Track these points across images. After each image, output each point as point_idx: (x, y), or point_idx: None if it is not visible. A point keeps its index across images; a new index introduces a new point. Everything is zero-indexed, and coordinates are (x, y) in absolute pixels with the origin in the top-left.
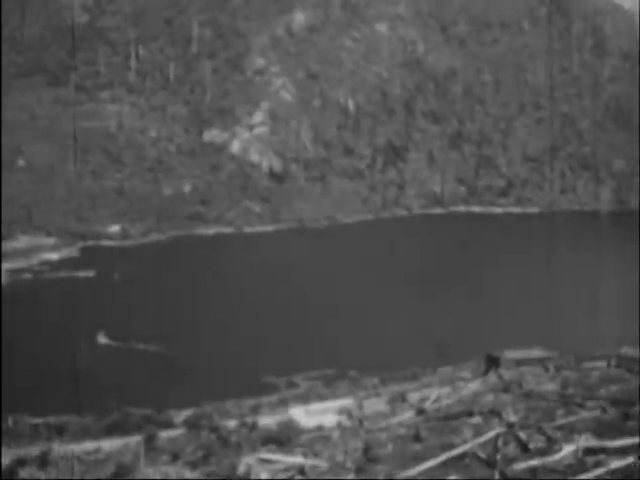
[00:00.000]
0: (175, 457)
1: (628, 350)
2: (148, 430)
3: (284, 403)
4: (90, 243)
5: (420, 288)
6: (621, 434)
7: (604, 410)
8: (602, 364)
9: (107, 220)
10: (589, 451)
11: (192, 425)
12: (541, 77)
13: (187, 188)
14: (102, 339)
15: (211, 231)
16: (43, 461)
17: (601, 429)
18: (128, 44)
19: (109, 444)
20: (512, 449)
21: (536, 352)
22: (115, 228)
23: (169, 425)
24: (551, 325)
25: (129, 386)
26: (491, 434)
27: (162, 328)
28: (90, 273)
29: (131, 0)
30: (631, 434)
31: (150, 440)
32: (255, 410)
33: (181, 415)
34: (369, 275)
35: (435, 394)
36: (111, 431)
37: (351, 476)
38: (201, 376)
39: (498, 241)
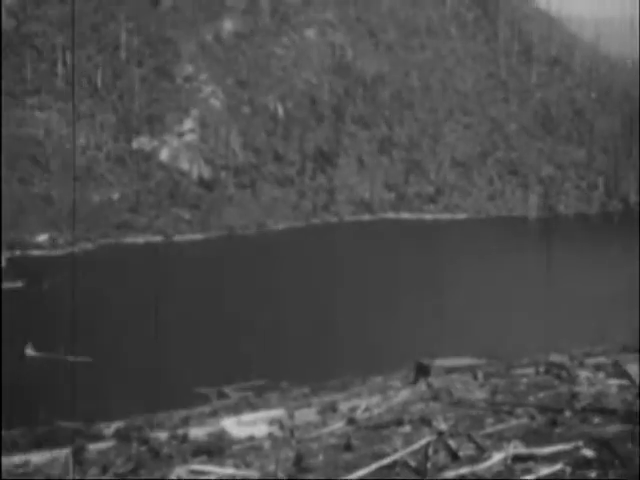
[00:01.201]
0: (104, 469)
1: (556, 356)
2: (77, 443)
3: (215, 414)
4: (17, 253)
5: (351, 296)
6: (549, 441)
7: (533, 417)
8: (531, 371)
9: (35, 229)
10: (518, 458)
11: (122, 437)
12: (469, 82)
13: (116, 196)
14: (30, 351)
15: (140, 239)
16: None
17: (530, 436)
18: (55, 50)
19: (38, 457)
20: (442, 457)
21: (465, 360)
22: (43, 237)
23: (98, 437)
24: (481, 332)
25: (58, 399)
26: (421, 442)
27: (92, 339)
28: (18, 284)
29: (58, 6)
30: (559, 441)
31: (79, 452)
32: (186, 421)
33: (111, 427)
34: (299, 282)
35: (365, 403)
36: (40, 444)
37: None
38: (132, 388)
39: (428, 248)
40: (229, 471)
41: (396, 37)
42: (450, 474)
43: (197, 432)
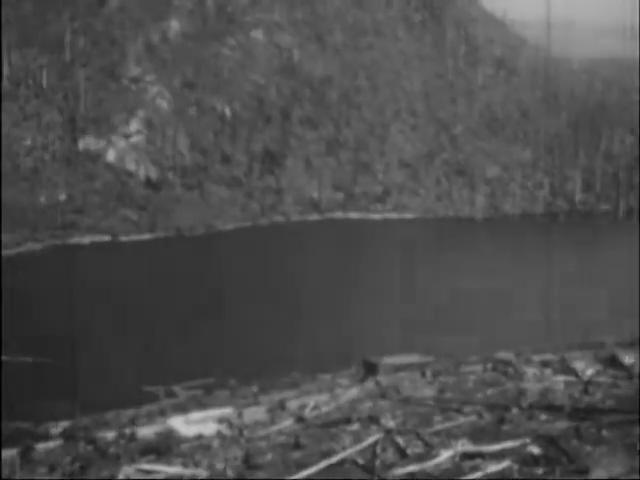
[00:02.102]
0: (52, 469)
1: (503, 354)
2: (24, 443)
3: (163, 413)
4: None
5: (300, 294)
6: (497, 438)
7: (480, 415)
8: (478, 368)
9: None
10: (466, 456)
11: (69, 437)
12: (416, 83)
13: (62, 197)
14: None
15: (86, 240)
16: None
17: (477, 434)
18: None
19: None
20: (390, 455)
21: (414, 358)
22: None
23: (46, 437)
24: (429, 330)
25: (5, 399)
26: (369, 440)
27: (40, 339)
28: None
29: (2, 5)
30: (507, 438)
31: (26, 453)
32: (134, 420)
33: (58, 427)
34: (246, 282)
35: (314, 402)
36: None
37: None
38: (80, 387)
39: (376, 247)
40: (177, 470)
41: (343, 38)
42: (399, 472)
43: (145, 431)
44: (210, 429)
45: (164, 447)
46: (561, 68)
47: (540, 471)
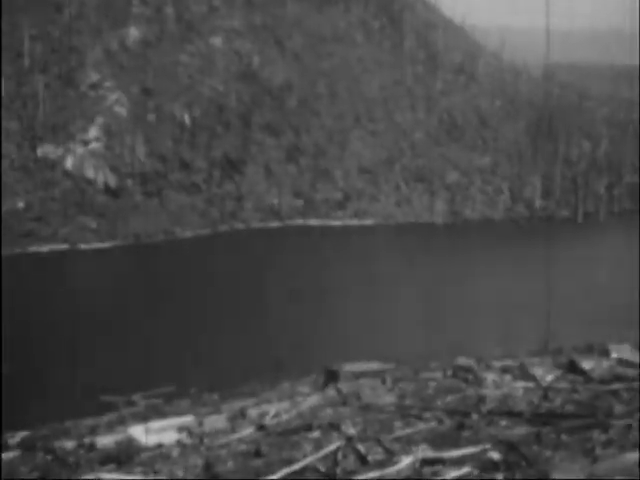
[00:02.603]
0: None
1: (463, 360)
2: None
3: (123, 422)
4: None
5: (258, 303)
6: (457, 444)
7: (441, 421)
8: (438, 375)
9: None
10: (426, 462)
11: (27, 447)
12: (375, 89)
13: (20, 205)
14: None
15: (45, 248)
16: None
17: (438, 440)
18: None
19: None
20: (351, 462)
21: (374, 365)
22: None
23: (4, 447)
24: (388, 337)
25: None
26: (330, 448)
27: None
28: None
29: None
30: (467, 444)
31: None
32: (94, 430)
33: (16, 437)
34: (205, 290)
35: (274, 409)
36: None
37: None
38: (38, 397)
39: (335, 254)
40: (137, 478)
41: (302, 44)
42: (359, 478)
43: (105, 440)
44: (170, 438)
45: (124, 456)
46: (520, 75)
47: (500, 476)
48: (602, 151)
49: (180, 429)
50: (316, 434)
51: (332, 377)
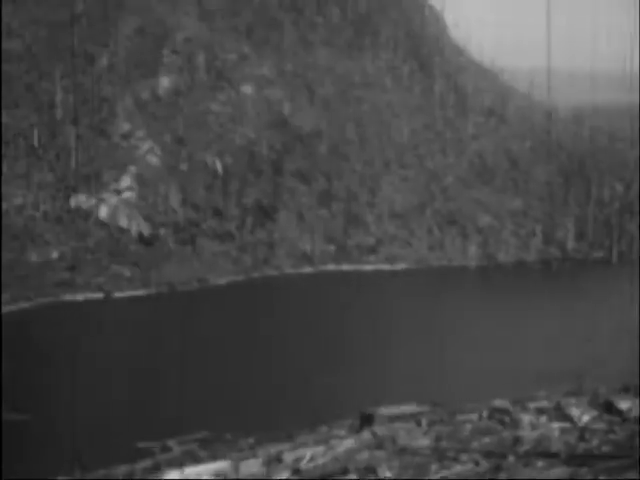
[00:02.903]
0: None
1: (499, 401)
2: None
3: (159, 468)
4: None
5: (294, 347)
6: None
7: (477, 463)
8: (474, 417)
9: None
10: None
11: None
12: (405, 134)
13: (54, 255)
14: None
15: (80, 297)
16: None
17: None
18: None
19: None
20: None
21: (409, 407)
22: None
23: None
24: (425, 379)
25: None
26: None
27: (29, 396)
28: None
29: None
30: None
31: None
32: (130, 476)
33: None
34: (241, 335)
35: (310, 453)
36: None
37: None
38: (72, 444)
39: (368, 299)
40: None
41: (332, 91)
42: None
43: None
44: None
45: None
46: (550, 116)
47: None
48: (634, 192)
49: (216, 474)
50: (352, 477)
51: (367, 420)
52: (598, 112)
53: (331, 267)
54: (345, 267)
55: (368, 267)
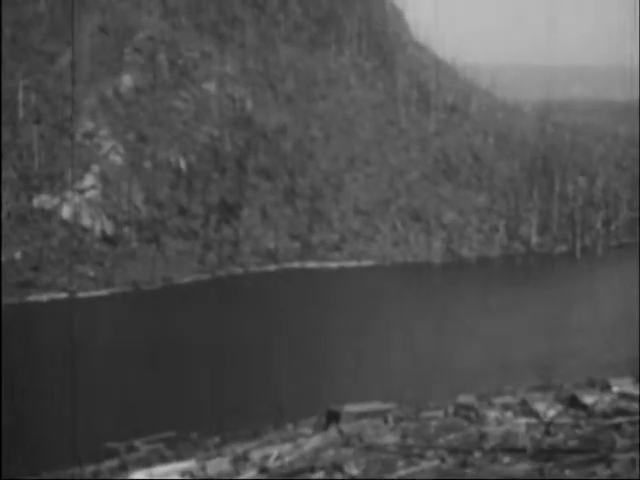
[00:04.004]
0: None
1: (464, 398)
2: None
3: (125, 468)
4: None
5: (259, 345)
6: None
7: (443, 459)
8: (440, 413)
9: None
10: None
11: None
12: (369, 131)
13: (18, 255)
14: None
15: (44, 297)
16: None
17: (441, 478)
18: None
19: None
20: None
21: (375, 405)
22: None
23: None
24: (390, 377)
25: None
26: None
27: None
28: None
29: None
30: None
31: None
32: (96, 476)
33: None
34: (205, 334)
35: (277, 451)
36: None
37: None
38: (39, 444)
39: (333, 296)
40: None
41: (296, 88)
42: None
43: None
44: None
45: None
46: (512, 112)
47: None
48: (598, 187)
49: (183, 474)
50: (319, 475)
51: (334, 418)
52: (566, 107)
53: (296, 264)
54: (310, 264)
55: (333, 264)
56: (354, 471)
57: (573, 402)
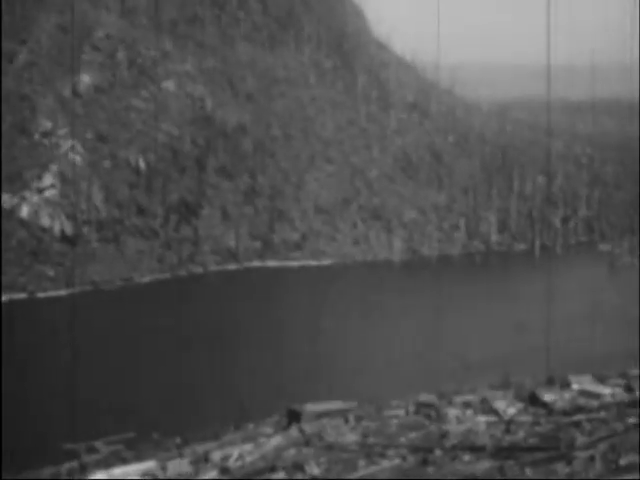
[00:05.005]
0: None
1: (425, 396)
2: None
3: (84, 469)
4: None
5: (218, 345)
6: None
7: (404, 458)
8: (401, 412)
9: None
10: None
11: None
12: (330, 130)
13: None
14: None
15: (3, 297)
16: None
17: (401, 477)
18: None
19: None
20: None
21: (336, 404)
22: None
23: None
24: (351, 376)
25: None
26: None
27: None
28: None
29: None
30: None
31: None
32: (55, 477)
33: None
34: (163, 334)
35: (238, 452)
36: None
37: None
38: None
39: (293, 295)
40: None
41: (255, 86)
42: None
43: None
44: None
45: None
46: (471, 110)
47: None
48: (557, 185)
49: (143, 474)
50: (280, 475)
51: (295, 417)
52: (525, 106)
53: (257, 263)
54: (271, 263)
55: (294, 263)
56: (315, 470)
57: (533, 400)
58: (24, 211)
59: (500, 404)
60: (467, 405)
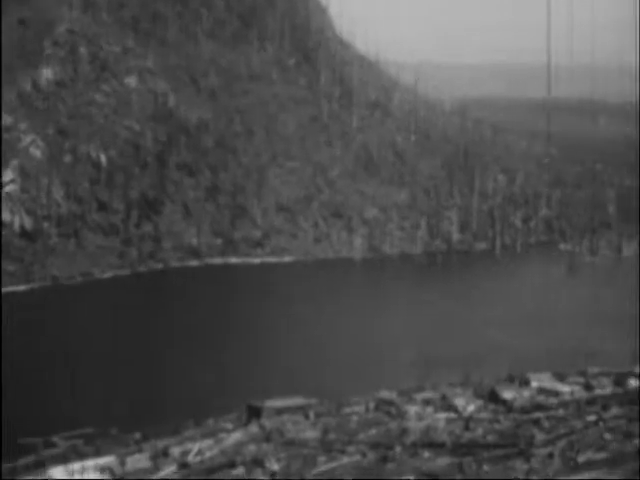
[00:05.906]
0: None
1: (385, 393)
2: None
3: (42, 464)
4: None
5: (179, 341)
6: (380, 477)
7: (364, 454)
8: (361, 409)
9: None
10: None
11: None
12: (292, 127)
13: None
14: None
15: None
16: None
17: (361, 473)
18: None
19: None
20: None
21: (297, 400)
22: None
23: None
24: (311, 372)
25: None
26: None
27: None
28: None
29: None
30: (390, 476)
31: None
32: (12, 473)
33: None
34: (124, 330)
35: (197, 447)
36: None
37: None
38: None
39: (253, 292)
40: None
41: (218, 83)
42: None
43: None
44: (91, 479)
45: None
46: (434, 109)
47: None
48: (518, 184)
49: (102, 469)
50: (239, 470)
51: (255, 413)
52: (486, 105)
53: (218, 260)
54: (232, 260)
55: (255, 260)
56: (275, 466)
57: (492, 397)
58: None
59: (460, 401)
60: (427, 402)
